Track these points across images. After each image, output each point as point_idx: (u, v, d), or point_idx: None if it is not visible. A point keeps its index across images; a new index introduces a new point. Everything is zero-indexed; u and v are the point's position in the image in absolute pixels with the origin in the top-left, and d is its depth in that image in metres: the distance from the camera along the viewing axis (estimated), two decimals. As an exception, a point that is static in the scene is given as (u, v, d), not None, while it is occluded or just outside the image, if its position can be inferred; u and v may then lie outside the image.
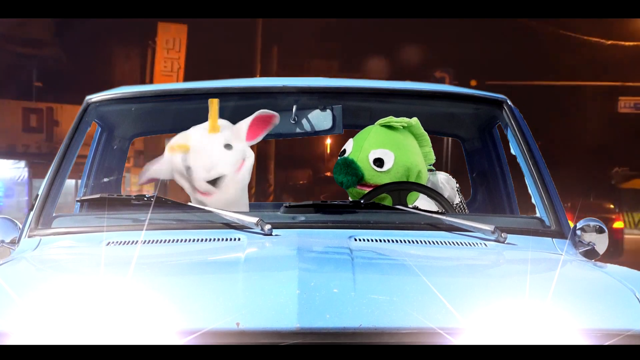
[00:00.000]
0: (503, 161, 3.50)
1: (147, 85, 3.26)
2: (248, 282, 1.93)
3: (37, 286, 2.02)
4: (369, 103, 3.24)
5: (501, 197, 3.49)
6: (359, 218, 2.62)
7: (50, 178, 2.80)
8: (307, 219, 2.60)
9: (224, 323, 1.77)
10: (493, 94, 3.15)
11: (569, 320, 1.84)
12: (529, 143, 2.93)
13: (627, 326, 1.85)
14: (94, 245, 2.48)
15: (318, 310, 1.79)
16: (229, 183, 2.80)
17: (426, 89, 3.16)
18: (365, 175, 2.94)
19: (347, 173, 2.94)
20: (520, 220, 2.87)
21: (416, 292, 1.88)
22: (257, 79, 3.33)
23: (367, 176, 2.94)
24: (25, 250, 2.58)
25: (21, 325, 1.79)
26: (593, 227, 2.90)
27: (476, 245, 2.50)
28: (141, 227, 2.53)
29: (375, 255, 2.36)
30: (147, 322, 1.78)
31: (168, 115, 3.36)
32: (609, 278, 2.14)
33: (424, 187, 2.94)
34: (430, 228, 2.59)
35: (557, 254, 2.53)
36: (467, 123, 3.58)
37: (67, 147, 2.88)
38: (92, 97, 3.08)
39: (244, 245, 2.36)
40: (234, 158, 2.82)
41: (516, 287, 1.99)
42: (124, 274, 1.98)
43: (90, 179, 3.44)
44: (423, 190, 2.93)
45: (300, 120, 3.14)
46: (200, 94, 3.06)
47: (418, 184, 2.94)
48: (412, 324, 1.80)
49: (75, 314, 1.79)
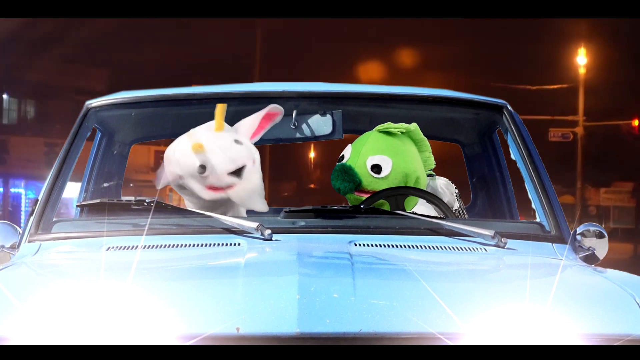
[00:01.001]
0: (503, 166, 3.50)
1: (147, 90, 3.26)
2: (248, 287, 1.93)
3: (37, 291, 2.02)
4: (369, 108, 3.24)
5: (501, 202, 3.49)
6: (359, 223, 2.61)
7: (50, 183, 2.80)
8: (307, 224, 2.60)
9: (224, 328, 1.77)
10: (493, 99, 3.15)
11: (569, 325, 1.84)
12: (529, 148, 2.93)
13: (627, 331, 1.85)
14: (94, 250, 2.48)
15: (318, 315, 1.79)
16: (251, 172, 2.81)
17: (426, 94, 3.16)
18: (363, 181, 2.93)
19: (344, 179, 2.93)
20: (520, 225, 2.87)
21: (416, 297, 1.88)
22: (257, 83, 3.33)
23: (364, 182, 2.93)
24: (25, 255, 2.58)
25: (21, 330, 1.79)
26: (593, 232, 2.90)
27: (476, 250, 2.49)
28: (141, 232, 2.53)
29: (375, 260, 2.36)
30: (147, 327, 1.78)
31: (168, 120, 3.36)
32: (609, 283, 2.14)
33: (421, 191, 2.93)
34: (430, 233, 2.59)
35: (557, 259, 2.52)
36: (467, 128, 3.58)
37: (67, 152, 2.88)
38: (92, 102, 3.08)
39: (244, 250, 2.36)
40: (248, 152, 2.85)
41: (516, 292, 1.99)
42: (124, 279, 1.98)
43: (90, 184, 3.44)
44: (420, 195, 2.92)
45: (300, 125, 3.14)
46: (200, 98, 3.06)
47: (415, 188, 2.93)
48: (412, 329, 1.80)
49: (75, 319, 1.79)
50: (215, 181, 2.79)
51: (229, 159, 2.79)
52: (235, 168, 2.79)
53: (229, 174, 2.79)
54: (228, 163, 2.79)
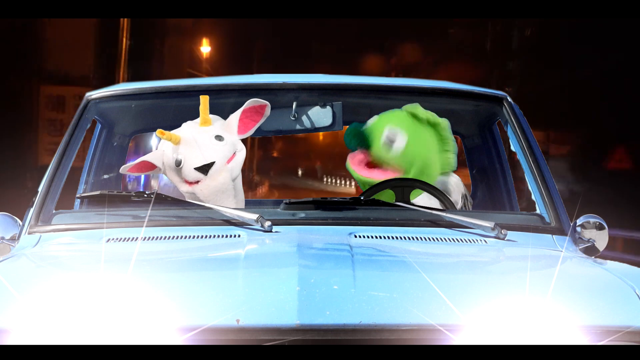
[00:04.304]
0: (503, 158, 3.49)
1: (147, 82, 3.26)
2: (248, 279, 1.93)
3: (37, 283, 2.02)
4: (369, 100, 3.23)
5: (501, 193, 3.49)
6: (359, 215, 2.61)
7: (51, 175, 2.79)
8: (307, 216, 2.60)
9: (224, 320, 1.77)
10: (493, 91, 3.15)
11: (569, 317, 1.84)
12: (529, 140, 2.92)
13: (627, 323, 1.86)
14: (94, 242, 2.48)
15: (318, 306, 1.79)
16: (218, 171, 2.79)
17: (426, 86, 3.16)
18: (373, 147, 2.94)
19: (354, 136, 2.97)
20: (520, 217, 2.87)
21: (416, 289, 1.88)
22: (256, 75, 3.32)
23: (374, 149, 2.94)
24: (25, 247, 2.58)
25: (21, 322, 1.79)
26: (593, 224, 2.90)
27: (476, 242, 2.50)
28: (141, 224, 2.53)
29: (375, 252, 2.36)
30: (147, 319, 1.78)
31: (168, 112, 3.36)
32: (609, 275, 2.14)
33: (428, 185, 2.92)
34: (430, 225, 2.59)
35: (557, 251, 2.53)
36: (467, 120, 3.57)
37: (67, 144, 2.88)
38: (92, 94, 3.08)
39: (244, 242, 2.36)
40: (225, 149, 2.82)
41: (516, 283, 1.99)
42: (124, 271, 1.98)
43: (90, 176, 3.44)
44: (426, 188, 2.92)
45: (300, 117, 3.14)
46: (200, 90, 3.06)
47: (422, 182, 2.93)
48: (412, 321, 1.80)
49: (76, 311, 1.79)
50: (186, 175, 2.80)
51: (200, 155, 2.78)
52: (201, 164, 2.77)
53: (195, 168, 2.78)
54: (197, 158, 2.78)
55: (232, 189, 2.83)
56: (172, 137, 2.80)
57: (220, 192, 2.79)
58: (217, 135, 2.82)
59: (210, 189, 2.78)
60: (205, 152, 2.78)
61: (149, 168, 2.88)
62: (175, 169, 2.81)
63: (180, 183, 2.83)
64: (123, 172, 2.93)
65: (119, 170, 2.99)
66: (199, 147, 2.79)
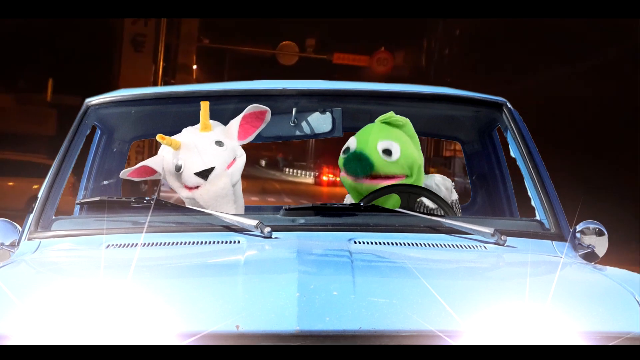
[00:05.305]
0: (503, 164, 3.50)
1: (146, 88, 3.27)
2: (248, 285, 1.93)
3: (37, 289, 2.02)
4: (369, 106, 3.24)
5: (501, 199, 3.49)
6: (359, 221, 2.61)
7: (50, 181, 2.80)
8: (306, 222, 2.60)
9: (224, 326, 1.77)
10: (493, 97, 3.15)
11: (569, 323, 1.84)
12: (529, 146, 2.93)
13: (626, 329, 1.85)
14: (94, 248, 2.48)
15: (318, 312, 1.79)
16: (218, 176, 2.79)
17: (426, 92, 3.16)
18: (376, 164, 2.93)
19: (360, 160, 2.95)
20: (520, 222, 2.87)
21: (416, 295, 1.88)
22: (257, 81, 3.32)
23: (377, 165, 2.93)
24: (25, 252, 2.58)
25: (21, 328, 1.79)
26: (593, 230, 2.90)
27: (476, 247, 2.50)
28: (141, 230, 2.53)
29: (374, 257, 2.36)
30: (147, 325, 1.78)
31: (168, 118, 3.36)
32: (609, 281, 2.14)
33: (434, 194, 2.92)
34: (429, 231, 2.59)
35: (557, 257, 2.52)
36: (466, 126, 3.58)
37: (67, 150, 2.88)
38: (92, 100, 3.08)
39: (244, 248, 2.36)
40: (225, 154, 2.83)
41: (516, 289, 1.99)
42: (123, 277, 1.98)
43: (90, 182, 3.44)
44: (431, 197, 2.91)
45: (300, 123, 3.14)
46: (200, 96, 3.06)
47: (429, 190, 2.93)
48: (411, 327, 1.80)
49: (75, 317, 1.79)
50: (186, 180, 2.80)
51: (200, 160, 2.79)
52: (202, 169, 2.78)
53: (195, 173, 2.78)
54: (197, 163, 2.79)
55: (232, 195, 2.83)
56: (172, 142, 2.80)
57: (220, 198, 2.79)
58: (218, 140, 2.83)
59: (210, 194, 2.78)
60: (206, 157, 2.79)
61: (149, 173, 2.88)
62: (175, 174, 2.81)
63: (180, 188, 2.83)
64: (123, 177, 2.94)
65: (119, 175, 2.99)
66: (199, 152, 2.79)
